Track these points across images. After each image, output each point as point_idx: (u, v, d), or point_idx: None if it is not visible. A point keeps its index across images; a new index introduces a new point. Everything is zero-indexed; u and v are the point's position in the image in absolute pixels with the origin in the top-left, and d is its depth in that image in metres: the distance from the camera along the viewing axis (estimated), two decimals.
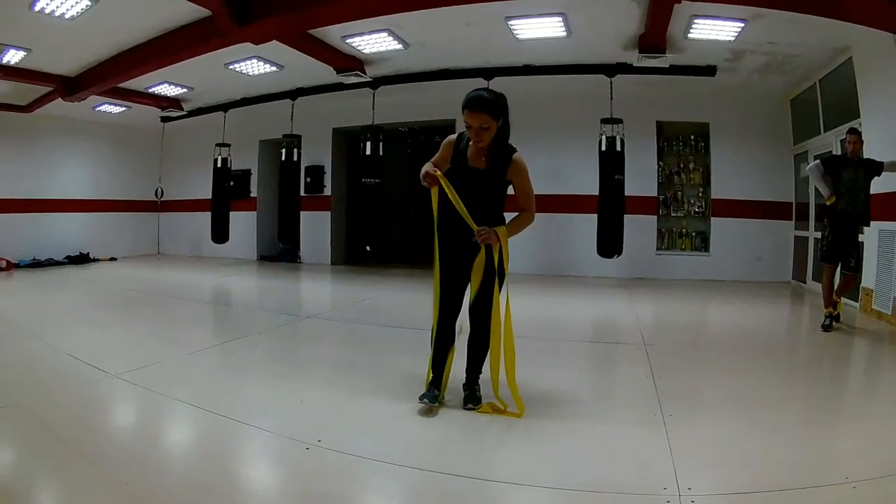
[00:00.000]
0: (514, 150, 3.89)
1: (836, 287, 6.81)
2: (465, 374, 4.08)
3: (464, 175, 3.91)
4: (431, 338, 4.07)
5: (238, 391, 4.45)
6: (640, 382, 4.59)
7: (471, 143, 3.85)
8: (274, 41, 8.29)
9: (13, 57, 9.28)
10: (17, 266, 12.79)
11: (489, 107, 3.71)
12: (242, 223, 14.92)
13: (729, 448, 3.32)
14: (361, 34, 8.76)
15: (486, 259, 3.83)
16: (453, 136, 4.03)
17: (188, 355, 5.47)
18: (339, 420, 3.81)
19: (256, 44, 8.24)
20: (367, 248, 11.67)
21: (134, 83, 11.22)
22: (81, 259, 14.22)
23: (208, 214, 13.83)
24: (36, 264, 13.20)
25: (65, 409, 3.90)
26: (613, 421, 3.81)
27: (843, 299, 7.15)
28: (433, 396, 3.91)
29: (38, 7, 7.41)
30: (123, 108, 13.38)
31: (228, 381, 4.78)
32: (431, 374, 4.03)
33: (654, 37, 8.19)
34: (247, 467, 3.22)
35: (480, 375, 4.08)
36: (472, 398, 3.99)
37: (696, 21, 7.71)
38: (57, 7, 7.45)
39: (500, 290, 3.85)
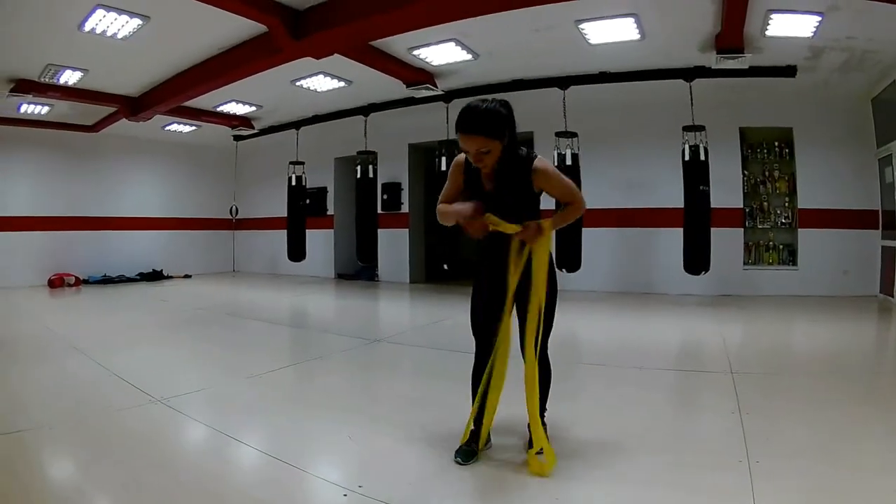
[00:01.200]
0: (532, 158, 3.28)
1: None
2: (527, 415, 3.56)
3: (483, 200, 3.37)
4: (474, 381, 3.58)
5: (282, 424, 4.20)
6: (725, 419, 4.08)
7: None
8: (336, 55, 8.15)
9: (70, 78, 9.44)
10: (86, 282, 13.04)
11: (484, 127, 3.11)
12: (319, 241, 14.93)
13: None
14: (427, 45, 8.51)
15: (528, 277, 3.30)
16: (461, 157, 3.42)
17: (241, 381, 5.29)
18: (386, 462, 3.47)
19: (317, 58, 8.16)
20: (445, 266, 11.41)
21: (201, 102, 11.31)
22: (154, 276, 14.49)
23: (284, 232, 13.71)
24: (106, 281, 13.49)
25: (86, 436, 3.80)
26: (689, 468, 3.31)
27: None
28: (467, 454, 3.41)
29: (87, 28, 7.51)
30: (194, 128, 13.56)
31: (275, 411, 4.49)
32: (472, 424, 3.54)
33: (731, 35, 7.75)
34: None
35: (546, 413, 3.59)
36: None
37: (772, 16, 7.27)
38: (107, 27, 7.55)
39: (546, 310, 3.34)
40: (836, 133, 10.34)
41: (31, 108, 11.29)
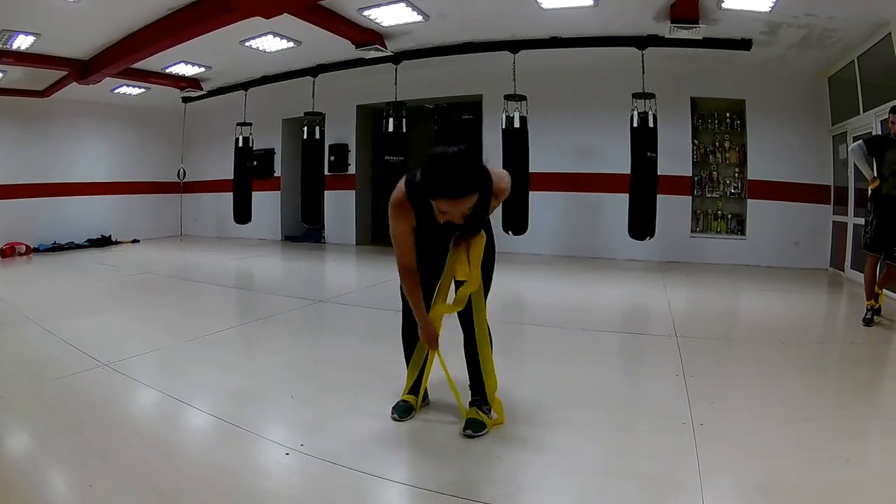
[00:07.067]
0: (488, 178, 2.94)
1: (878, 278, 6.28)
2: (469, 390, 3.45)
3: (438, 229, 3.03)
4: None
5: (227, 385, 4.19)
6: (670, 382, 4.15)
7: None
8: (286, 15, 7.96)
9: (23, 42, 9.14)
10: (36, 250, 12.75)
11: (476, 184, 2.72)
12: (267, 203, 14.77)
13: (763, 467, 2.89)
14: (378, 5, 8.34)
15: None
16: (402, 198, 3.00)
17: (186, 343, 5.29)
18: (328, 421, 3.49)
19: (267, 17, 7.93)
20: None
21: (150, 63, 11.04)
22: (103, 242, 14.16)
23: (231, 195, 13.52)
24: (56, 248, 13.17)
25: (37, 403, 3.79)
26: (633, 429, 3.37)
27: (886, 291, 6.61)
28: (404, 410, 3.44)
29: None
30: (142, 90, 13.19)
31: (220, 372, 4.48)
32: (411, 379, 3.54)
33: (686, 5, 7.69)
34: (214, 472, 2.86)
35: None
36: (473, 423, 3.24)
37: None
38: None
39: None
40: (791, 108, 10.41)
41: None
